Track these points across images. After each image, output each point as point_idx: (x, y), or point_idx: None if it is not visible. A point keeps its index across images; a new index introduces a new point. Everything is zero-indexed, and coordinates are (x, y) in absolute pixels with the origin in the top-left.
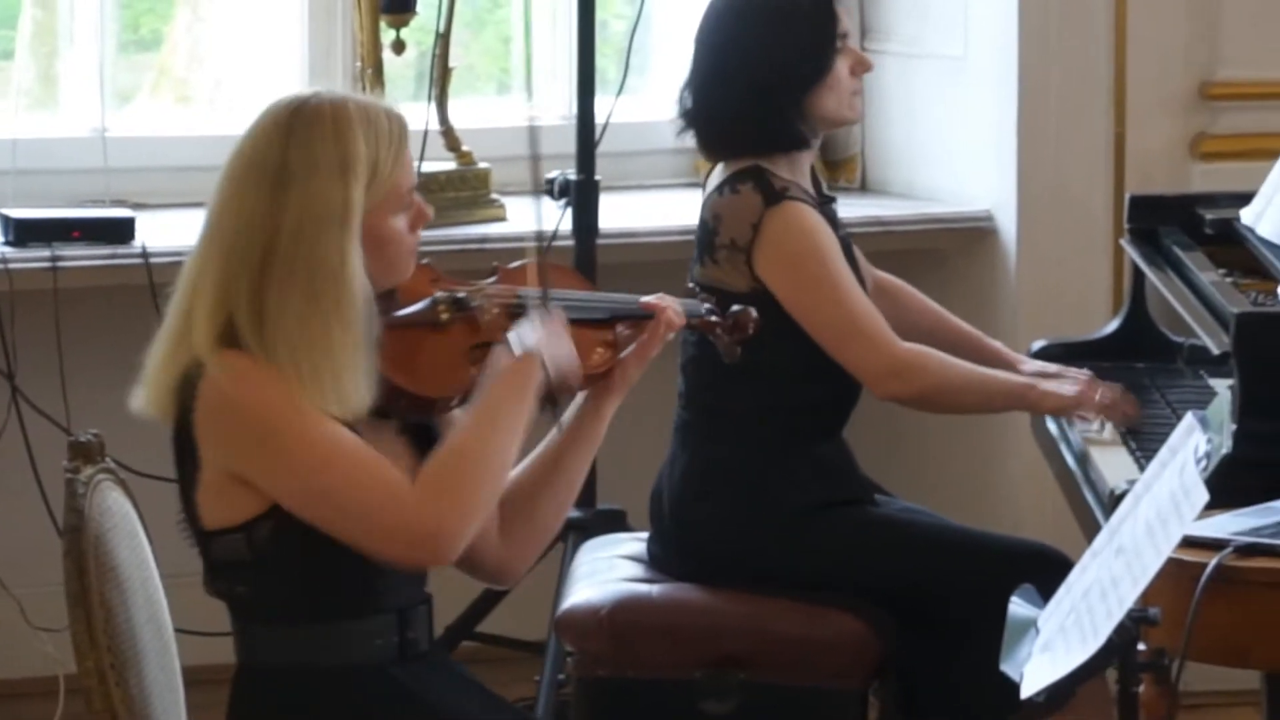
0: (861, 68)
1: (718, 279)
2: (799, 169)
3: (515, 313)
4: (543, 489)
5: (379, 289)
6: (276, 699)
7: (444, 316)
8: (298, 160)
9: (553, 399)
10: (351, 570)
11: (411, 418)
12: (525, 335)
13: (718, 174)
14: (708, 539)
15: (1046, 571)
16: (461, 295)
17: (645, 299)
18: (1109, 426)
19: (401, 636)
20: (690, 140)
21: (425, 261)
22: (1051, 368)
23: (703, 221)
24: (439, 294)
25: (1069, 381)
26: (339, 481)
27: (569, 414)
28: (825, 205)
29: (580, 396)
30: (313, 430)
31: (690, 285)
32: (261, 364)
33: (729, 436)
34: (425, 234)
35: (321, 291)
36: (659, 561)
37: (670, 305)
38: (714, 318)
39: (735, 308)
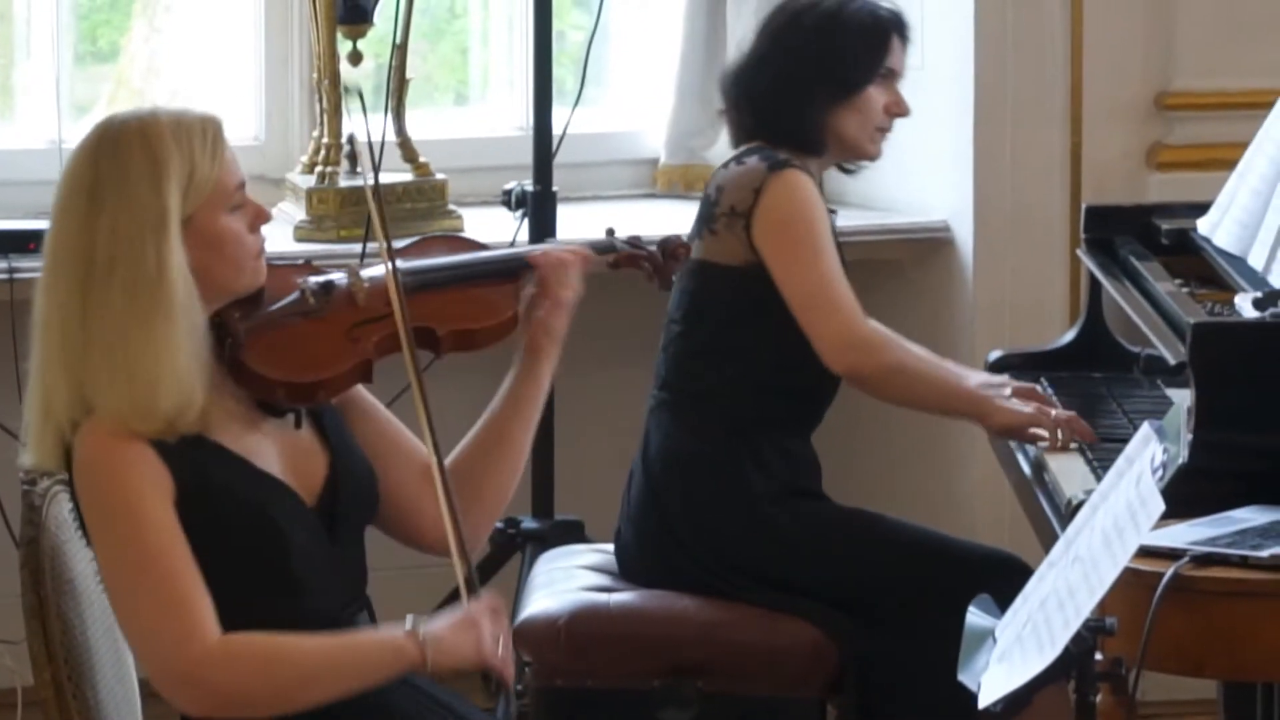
0: (897, 109)
1: (714, 253)
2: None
3: (381, 287)
4: (488, 463)
5: (235, 291)
6: None
7: (313, 302)
8: (109, 174)
9: (493, 683)
10: (272, 598)
11: (300, 406)
12: (432, 622)
13: (726, 158)
14: (678, 523)
15: (1007, 578)
16: (328, 278)
17: (532, 249)
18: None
19: (340, 612)
20: (646, 150)
21: (302, 260)
22: (997, 379)
23: (704, 197)
24: (306, 280)
25: (1024, 403)
26: (142, 594)
27: (508, 380)
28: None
29: (516, 361)
30: (150, 538)
31: (609, 228)
32: (118, 443)
33: (704, 418)
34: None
35: (138, 295)
36: (626, 562)
37: (558, 248)
38: (639, 250)
39: (662, 237)
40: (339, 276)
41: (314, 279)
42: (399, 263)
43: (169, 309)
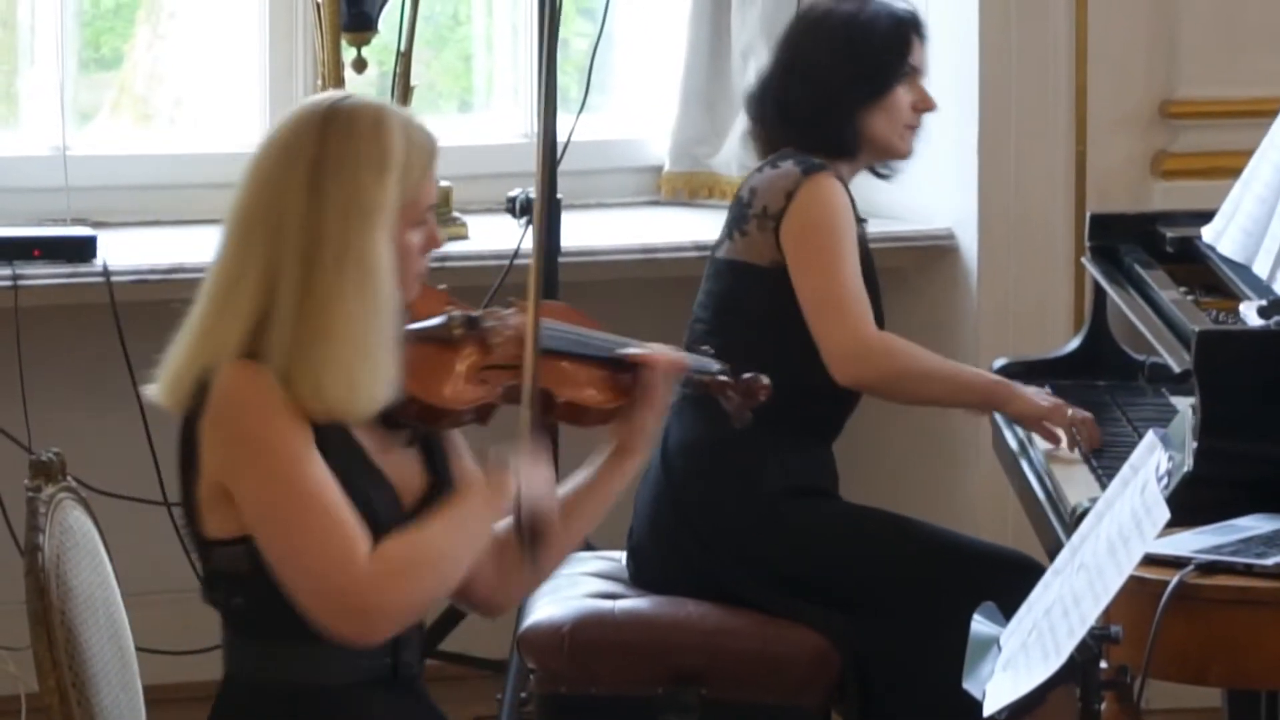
0: (924, 105)
1: (742, 254)
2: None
3: (519, 336)
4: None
5: None
6: (259, 715)
7: (456, 333)
8: (337, 153)
9: (531, 536)
10: None
11: (421, 427)
12: (512, 456)
13: (760, 163)
14: (694, 512)
15: (1017, 578)
16: (475, 315)
17: (639, 351)
18: (1068, 444)
19: (395, 659)
20: (651, 158)
21: (442, 287)
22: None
23: (736, 199)
24: (454, 312)
25: (1044, 395)
26: (301, 523)
27: (591, 470)
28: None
29: (604, 454)
30: (299, 466)
31: (705, 348)
32: (276, 381)
33: (708, 430)
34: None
35: (365, 285)
36: (638, 562)
37: (667, 352)
38: (725, 378)
39: (747, 375)
40: (484, 319)
41: (460, 312)
42: (546, 321)
43: (387, 302)
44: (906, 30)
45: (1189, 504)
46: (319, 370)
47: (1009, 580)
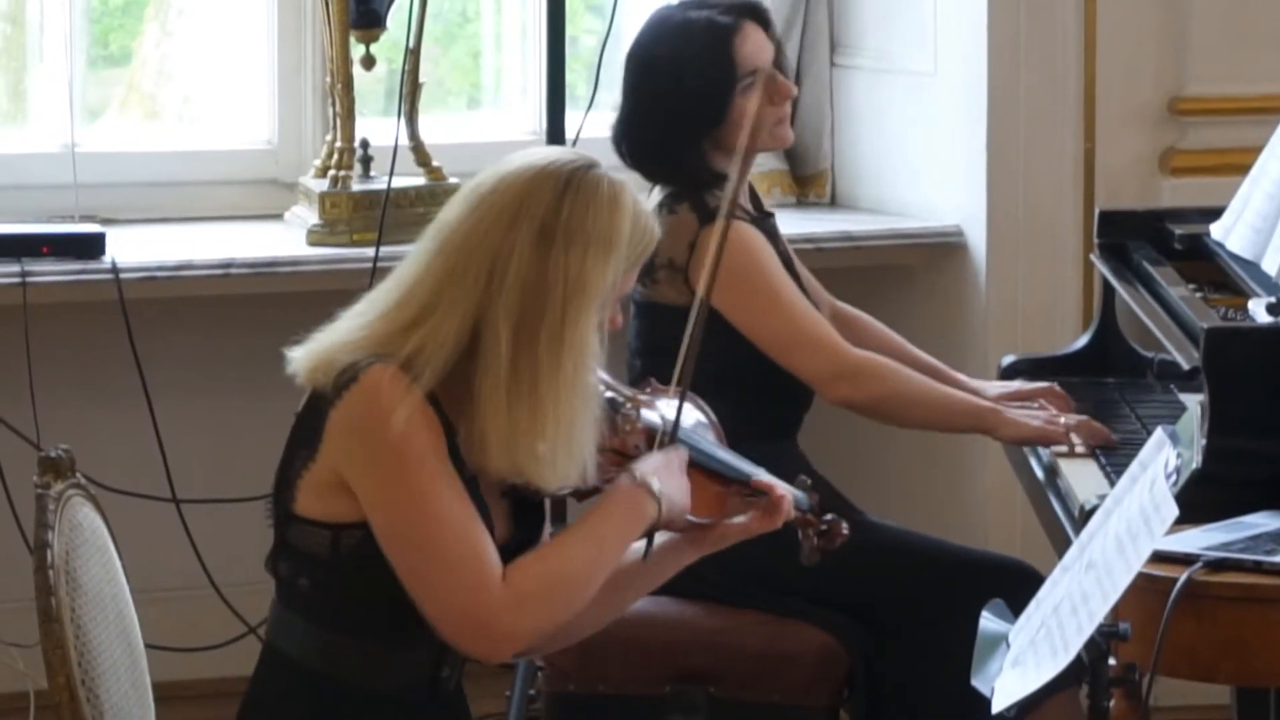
0: (781, 96)
1: (659, 296)
2: None
3: (650, 432)
4: (599, 600)
5: None
6: (308, 695)
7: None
8: (572, 224)
9: (650, 533)
10: (412, 604)
11: (522, 488)
12: (649, 469)
13: (655, 194)
14: None
15: (1017, 586)
16: (617, 399)
17: (773, 483)
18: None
19: (434, 672)
20: None
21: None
22: (1013, 386)
23: None
24: (606, 392)
25: (1034, 413)
26: (438, 543)
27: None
28: (764, 221)
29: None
30: (438, 483)
31: (803, 478)
32: (420, 396)
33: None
34: (392, 249)
35: (579, 368)
36: None
37: (788, 494)
38: (811, 515)
39: (830, 516)
40: (622, 403)
41: (606, 391)
42: (682, 418)
43: (594, 388)
44: (726, 39)
45: (1198, 501)
46: (517, 441)
47: (1007, 587)
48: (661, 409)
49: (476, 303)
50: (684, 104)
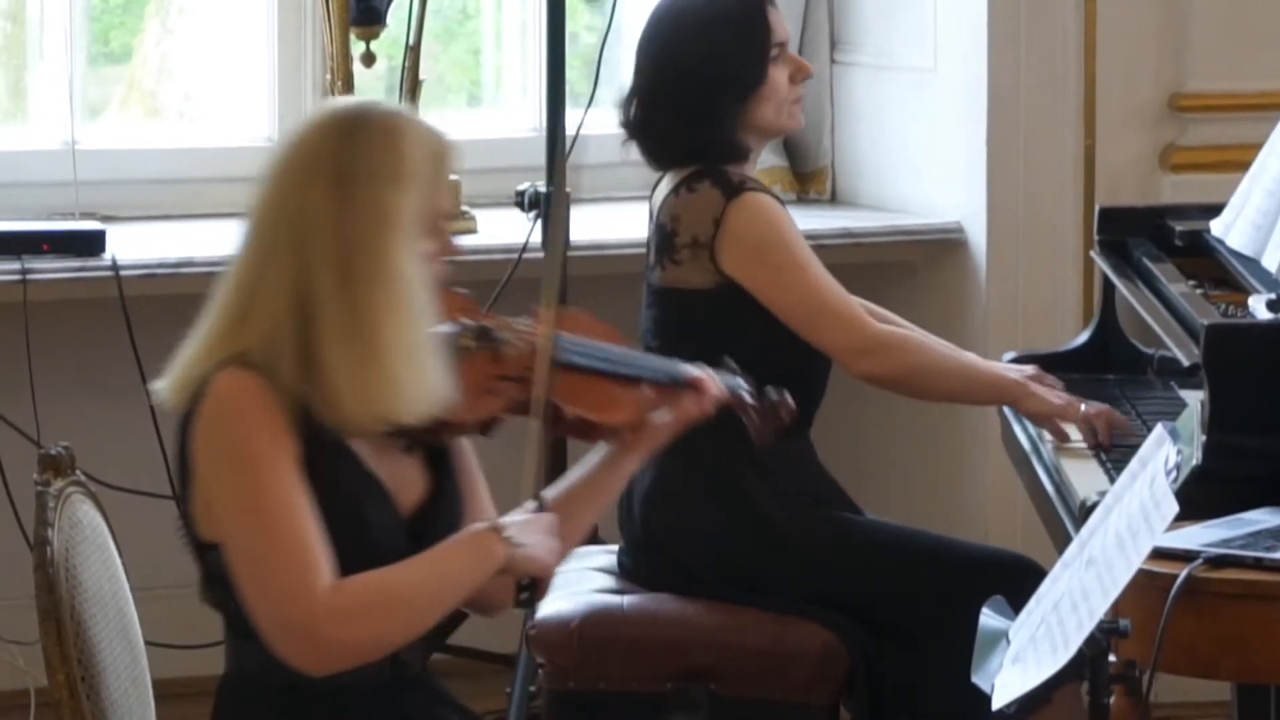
0: (801, 75)
1: (680, 280)
2: (746, 173)
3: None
4: None
5: None
6: (260, 713)
7: (466, 343)
8: (359, 163)
9: (527, 589)
10: None
11: (423, 437)
12: (513, 520)
13: (668, 181)
14: (678, 546)
15: (1019, 580)
16: (487, 325)
17: (688, 370)
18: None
19: (392, 657)
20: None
21: (464, 292)
22: (1029, 369)
23: (658, 226)
24: (465, 321)
25: (1058, 393)
26: (264, 543)
27: (591, 465)
28: None
29: (607, 450)
30: (272, 486)
31: (726, 359)
32: (264, 392)
33: (693, 440)
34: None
35: (399, 296)
36: (630, 572)
37: (709, 377)
38: (750, 399)
39: (773, 395)
40: (497, 329)
41: (474, 323)
42: (563, 335)
43: (422, 313)
44: (761, 9)
45: (1198, 498)
46: (367, 382)
47: (1009, 583)
48: (537, 327)
49: (295, 269)
50: (720, 70)
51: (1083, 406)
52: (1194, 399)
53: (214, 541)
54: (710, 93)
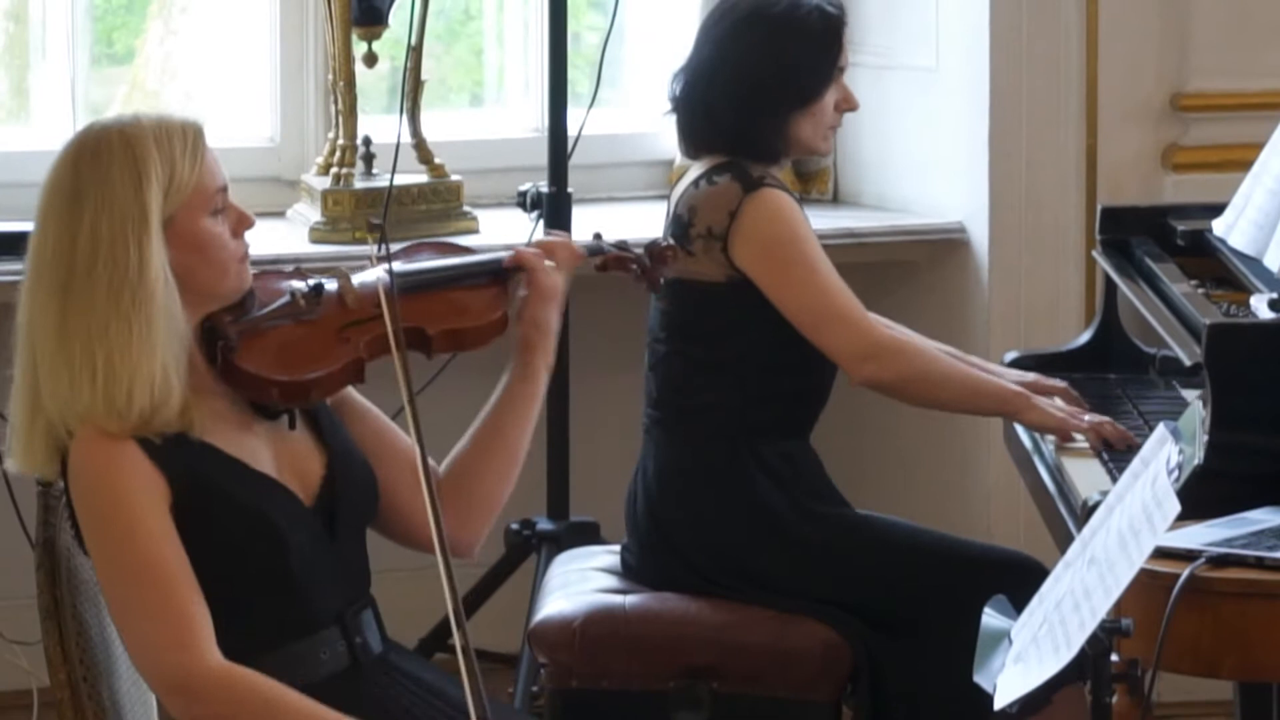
0: (846, 104)
1: (691, 271)
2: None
3: (373, 290)
4: (484, 461)
5: (221, 295)
6: None
7: (304, 305)
8: (89, 177)
9: None
10: (274, 599)
11: (295, 405)
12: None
13: (690, 173)
14: (685, 541)
15: (1022, 579)
16: (317, 281)
17: (509, 254)
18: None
19: (349, 643)
20: (661, 151)
21: (293, 268)
22: (1030, 376)
23: (675, 216)
24: (294, 285)
25: (1059, 404)
26: (140, 598)
27: (504, 379)
28: None
29: (512, 360)
30: (142, 540)
31: (596, 233)
32: (120, 452)
33: (700, 435)
34: (394, 246)
35: (120, 294)
36: (634, 571)
37: (561, 239)
38: (626, 253)
39: (649, 241)
40: (329, 280)
41: (303, 283)
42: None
43: (150, 308)
44: (838, 30)
45: (1200, 497)
46: (98, 384)
47: (1012, 581)
48: (369, 271)
49: (38, 302)
50: (784, 74)
51: (1086, 418)
52: (1196, 398)
53: None
54: (767, 91)
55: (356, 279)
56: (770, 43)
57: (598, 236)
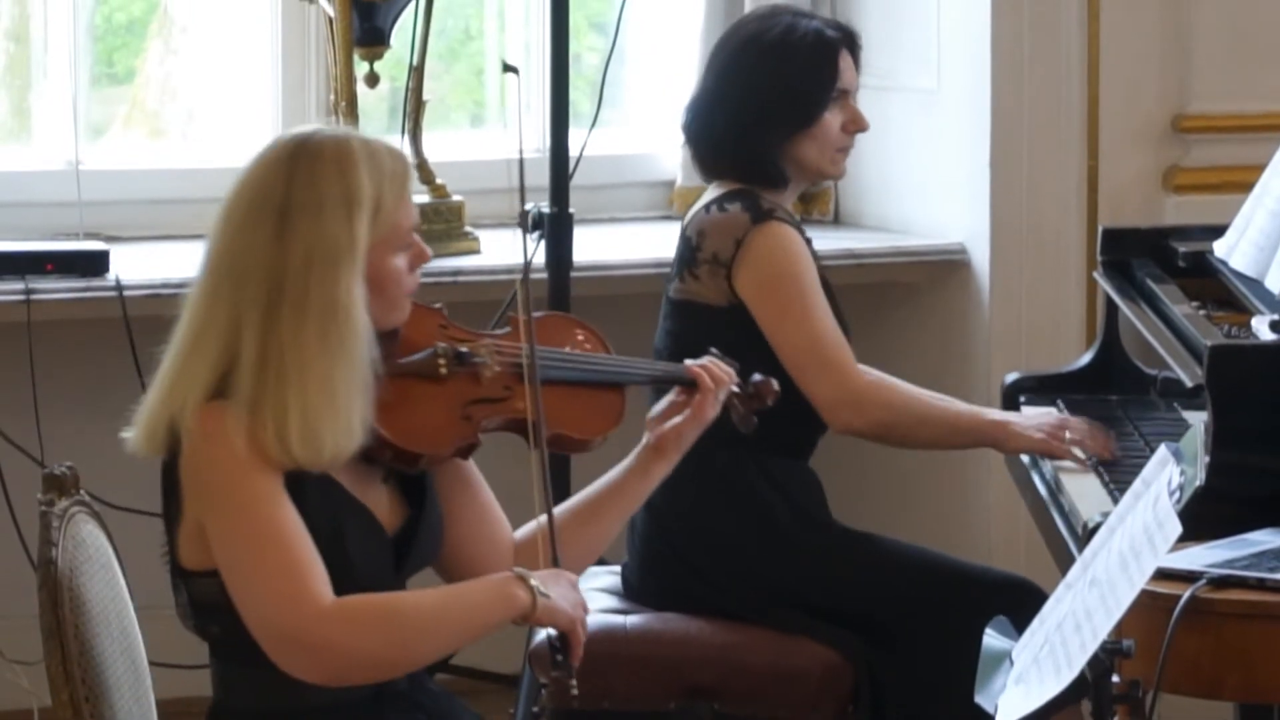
0: (854, 126)
1: (696, 294)
2: (781, 202)
3: (514, 370)
4: (574, 537)
5: (380, 329)
6: None
7: (443, 370)
8: (302, 197)
9: (559, 650)
10: None
11: (396, 468)
12: (539, 573)
13: (704, 197)
14: (687, 549)
15: (1020, 601)
16: (463, 350)
17: (690, 363)
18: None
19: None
20: (662, 172)
21: (438, 306)
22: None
23: (685, 239)
24: (440, 345)
25: (1041, 423)
26: (254, 560)
27: (622, 469)
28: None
29: (636, 454)
30: (258, 505)
31: (712, 350)
32: (242, 422)
33: (706, 449)
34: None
35: (329, 330)
36: (635, 590)
37: (710, 366)
38: (737, 387)
39: (756, 377)
40: (473, 353)
41: (450, 346)
42: (541, 349)
43: (353, 347)
44: (834, 51)
45: (1201, 518)
46: (280, 420)
47: (1011, 603)
48: (515, 342)
49: (232, 310)
50: (777, 95)
51: (1068, 434)
52: (1197, 420)
53: (201, 570)
54: (762, 113)
55: (499, 356)
56: (764, 66)
57: (710, 351)
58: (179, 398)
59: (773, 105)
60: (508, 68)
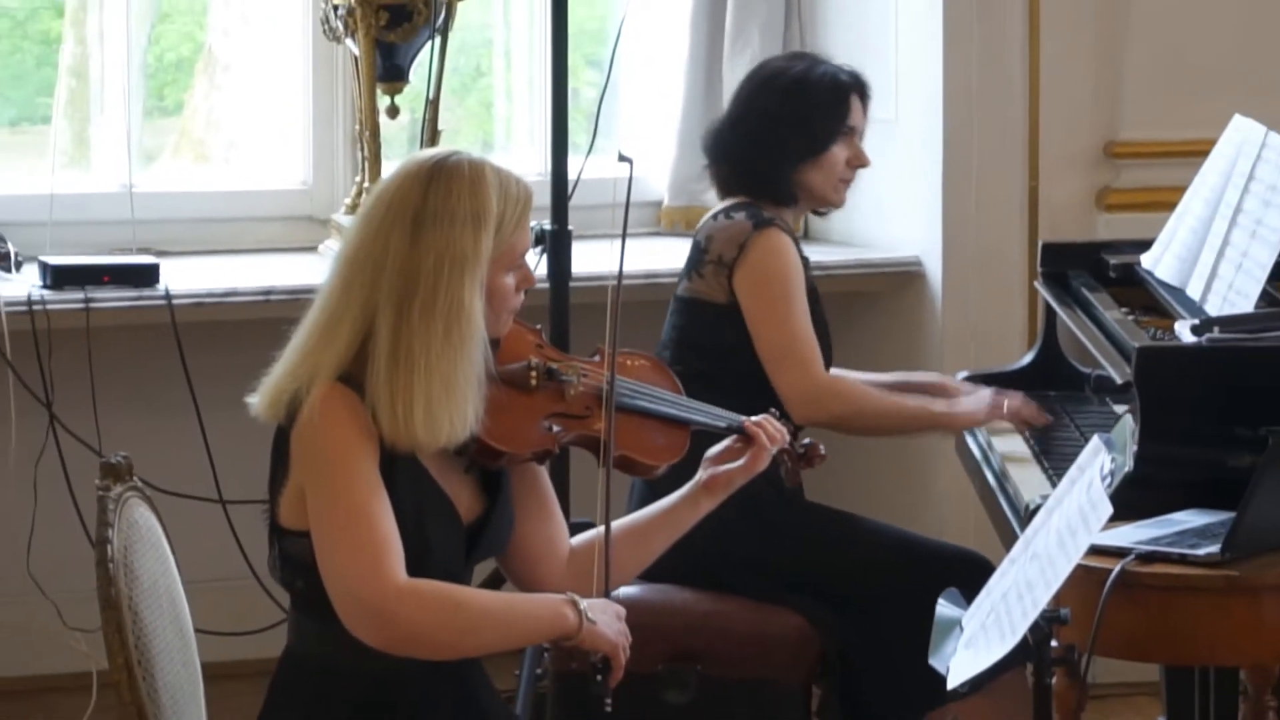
0: (856, 161)
1: (701, 291)
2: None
3: (595, 393)
4: (624, 554)
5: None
6: (311, 688)
7: (533, 381)
8: (437, 208)
9: (601, 671)
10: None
11: (479, 461)
12: (591, 603)
13: (716, 207)
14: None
15: (972, 573)
16: (554, 367)
17: (748, 420)
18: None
19: None
20: (651, 193)
21: (538, 327)
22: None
23: (695, 244)
24: (534, 359)
25: (978, 400)
26: (343, 533)
27: (673, 500)
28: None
29: (689, 488)
30: (357, 485)
31: (771, 411)
32: (363, 407)
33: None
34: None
35: (453, 328)
36: None
37: (765, 423)
38: (786, 444)
39: (807, 440)
40: (562, 371)
41: (542, 362)
42: (623, 380)
43: (473, 347)
44: (847, 93)
45: (1130, 501)
46: (407, 404)
47: (963, 575)
48: (599, 371)
49: (366, 304)
50: (794, 129)
51: (1006, 403)
52: (1127, 413)
53: (295, 529)
54: (778, 140)
55: (585, 378)
56: (785, 98)
57: (778, 416)
58: (306, 374)
59: (788, 134)
60: (623, 158)
